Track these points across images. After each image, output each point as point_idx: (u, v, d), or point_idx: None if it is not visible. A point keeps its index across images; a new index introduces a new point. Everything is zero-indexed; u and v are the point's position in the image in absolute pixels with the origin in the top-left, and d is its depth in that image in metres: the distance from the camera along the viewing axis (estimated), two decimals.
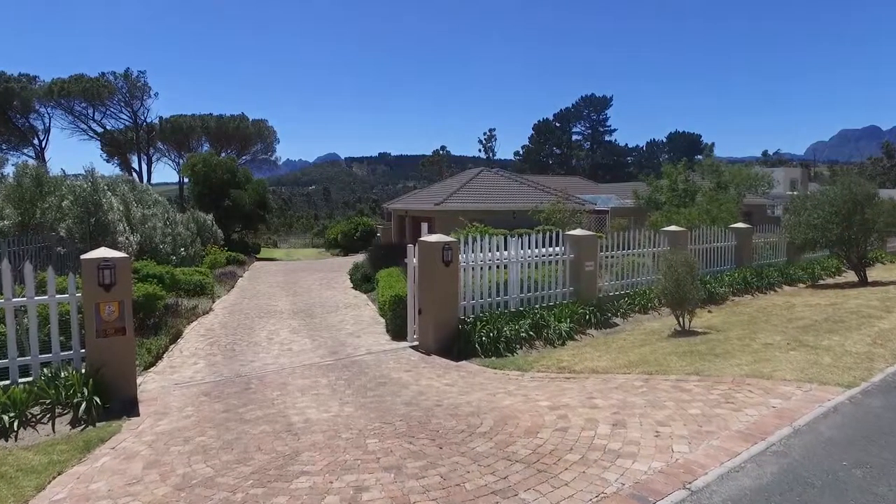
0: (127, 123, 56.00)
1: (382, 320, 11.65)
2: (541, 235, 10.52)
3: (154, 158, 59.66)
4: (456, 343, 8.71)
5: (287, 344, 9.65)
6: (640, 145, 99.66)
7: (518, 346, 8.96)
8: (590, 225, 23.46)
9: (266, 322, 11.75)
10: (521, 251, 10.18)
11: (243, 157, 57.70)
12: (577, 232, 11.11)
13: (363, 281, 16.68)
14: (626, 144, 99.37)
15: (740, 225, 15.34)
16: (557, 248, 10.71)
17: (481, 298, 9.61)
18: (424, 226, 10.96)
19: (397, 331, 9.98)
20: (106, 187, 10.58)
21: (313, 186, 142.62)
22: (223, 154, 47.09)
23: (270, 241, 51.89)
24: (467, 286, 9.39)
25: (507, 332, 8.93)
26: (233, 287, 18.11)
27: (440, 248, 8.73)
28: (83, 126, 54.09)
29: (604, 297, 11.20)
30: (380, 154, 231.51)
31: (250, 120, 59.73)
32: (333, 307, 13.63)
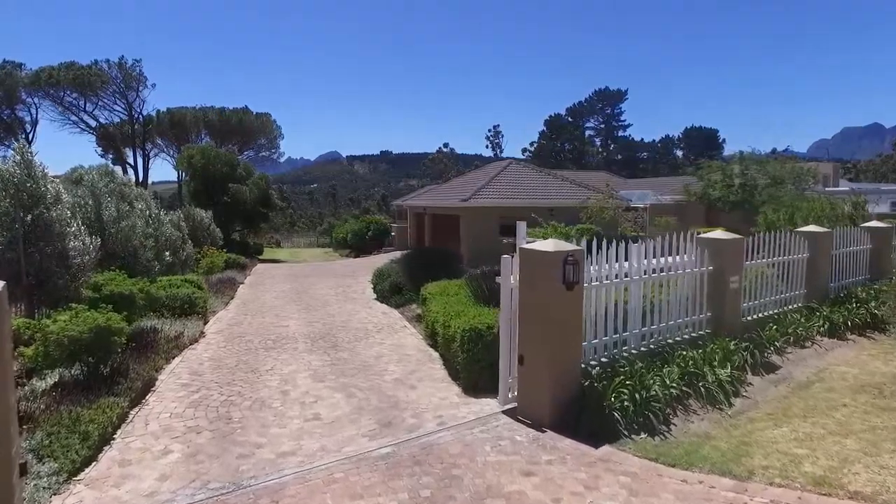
0: (122, 116, 52.43)
1: (434, 353, 8.51)
2: (664, 241, 7.27)
3: (152, 154, 56.18)
4: (583, 410, 5.48)
5: (310, 404, 6.39)
6: (655, 140, 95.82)
7: (670, 412, 5.78)
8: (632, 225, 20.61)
9: (276, 358, 8.51)
10: (645, 262, 6.94)
11: (245, 153, 54.29)
12: (718, 234, 7.84)
13: (393, 292, 13.49)
14: (643, 139, 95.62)
15: (876, 224, 12.12)
16: (693, 258, 7.47)
17: (605, 336, 6.36)
18: (521, 225, 7.64)
19: (472, 381, 6.73)
20: (46, 170, 7.32)
21: (315, 185, 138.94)
22: (224, 149, 43.70)
23: (273, 240, 48.90)
24: (589, 317, 6.14)
25: (658, 391, 5.72)
26: (232, 298, 14.93)
27: (559, 262, 5.44)
28: (74, 118, 50.61)
29: (744, 324, 8.05)
30: (381, 152, 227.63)
31: (254, 113, 56.28)
32: (362, 330, 10.41)
